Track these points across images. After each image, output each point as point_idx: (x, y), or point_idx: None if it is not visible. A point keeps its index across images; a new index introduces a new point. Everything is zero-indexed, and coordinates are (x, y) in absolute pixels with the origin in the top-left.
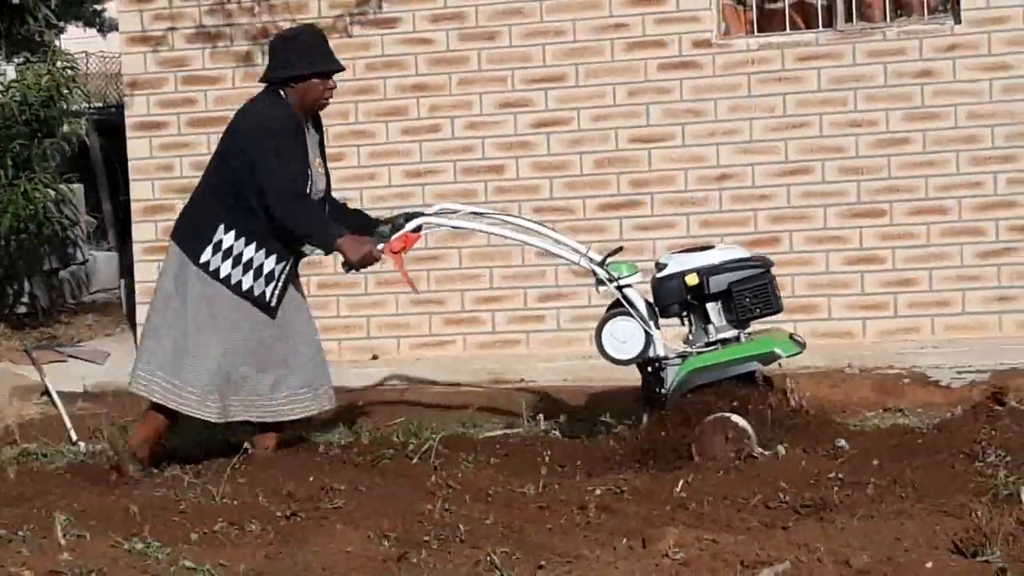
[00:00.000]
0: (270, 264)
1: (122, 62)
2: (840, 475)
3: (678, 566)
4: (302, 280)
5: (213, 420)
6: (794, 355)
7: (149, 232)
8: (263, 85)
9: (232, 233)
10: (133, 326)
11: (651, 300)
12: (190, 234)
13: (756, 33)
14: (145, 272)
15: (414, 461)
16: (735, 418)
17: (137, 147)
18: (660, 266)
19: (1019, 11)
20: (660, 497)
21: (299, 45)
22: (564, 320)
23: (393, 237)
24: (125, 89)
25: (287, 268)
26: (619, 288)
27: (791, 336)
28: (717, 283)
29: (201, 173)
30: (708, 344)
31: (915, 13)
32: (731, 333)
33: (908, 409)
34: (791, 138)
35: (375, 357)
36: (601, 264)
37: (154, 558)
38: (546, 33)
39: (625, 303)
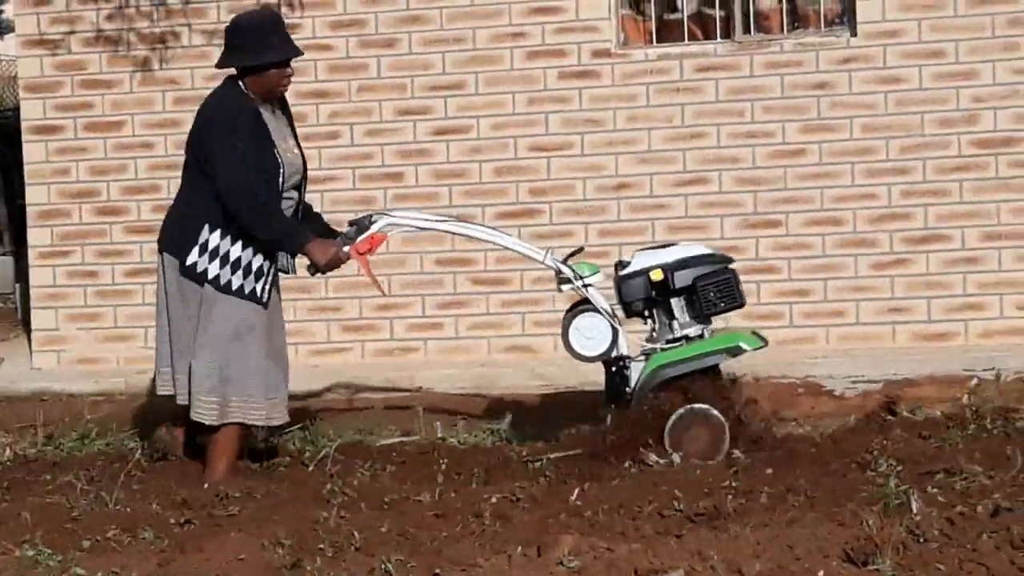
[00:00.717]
0: (257, 261)
1: (18, 65)
2: (734, 484)
3: (572, 574)
4: None
5: (208, 422)
6: (758, 349)
7: (44, 237)
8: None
9: (218, 232)
10: (28, 332)
11: (613, 301)
12: (175, 239)
13: (655, 43)
14: (40, 277)
15: (310, 469)
16: (711, 410)
17: (33, 151)
18: (623, 264)
19: (913, 24)
20: (555, 505)
21: (252, 32)
22: (462, 328)
23: (359, 239)
24: (21, 92)
25: (275, 265)
26: (584, 287)
27: (753, 332)
28: (682, 278)
29: (99, 177)
30: (672, 340)
31: (812, 25)
32: (695, 329)
33: (802, 419)
34: (689, 148)
35: None
36: (564, 263)
37: (45, 565)
38: (446, 41)
39: (591, 300)
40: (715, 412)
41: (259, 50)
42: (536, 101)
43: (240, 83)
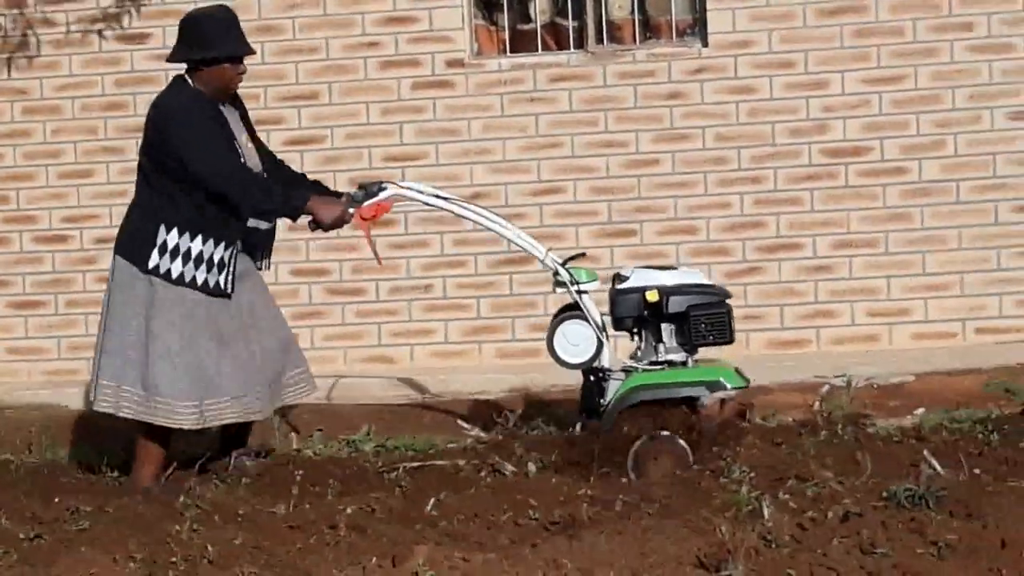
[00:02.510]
0: (219, 252)
1: None
2: (590, 492)
3: None
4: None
5: (187, 427)
6: (739, 388)
7: None
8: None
9: (175, 231)
10: None
11: (605, 310)
12: (132, 242)
13: (508, 53)
14: None
15: (162, 482)
16: (676, 439)
17: None
18: (621, 278)
19: (764, 35)
20: (411, 516)
21: (207, 28)
22: (317, 339)
23: (366, 203)
24: None
25: (236, 252)
26: (578, 292)
27: (736, 370)
28: (676, 304)
29: None
30: (655, 363)
31: (664, 36)
32: (679, 356)
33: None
34: (544, 158)
35: None
36: (563, 266)
37: None
38: (300, 51)
39: (583, 308)
40: (680, 441)
41: (215, 44)
42: (391, 111)
43: (189, 81)
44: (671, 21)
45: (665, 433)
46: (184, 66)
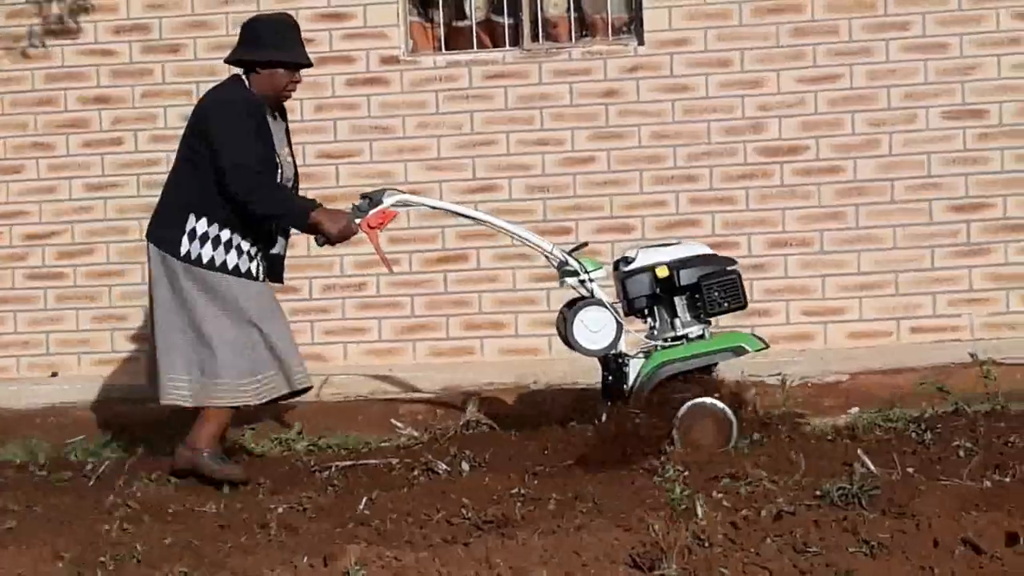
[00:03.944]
0: (247, 243)
1: None
2: (523, 491)
3: None
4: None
5: (253, 403)
6: (760, 350)
7: None
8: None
9: (204, 220)
10: None
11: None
12: (164, 230)
13: (443, 51)
14: None
15: (92, 481)
16: (720, 404)
17: None
18: (627, 260)
19: (699, 34)
20: (343, 514)
21: (270, 31)
22: None
23: (371, 212)
24: None
25: (262, 249)
26: (590, 281)
27: (753, 334)
28: (687, 276)
29: None
30: (673, 338)
31: (600, 34)
32: (696, 329)
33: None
34: (478, 156)
35: (55, 374)
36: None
37: None
38: (231, 46)
39: (594, 296)
40: (722, 404)
41: (274, 49)
42: (324, 107)
43: (245, 81)
44: (607, 19)
45: (709, 400)
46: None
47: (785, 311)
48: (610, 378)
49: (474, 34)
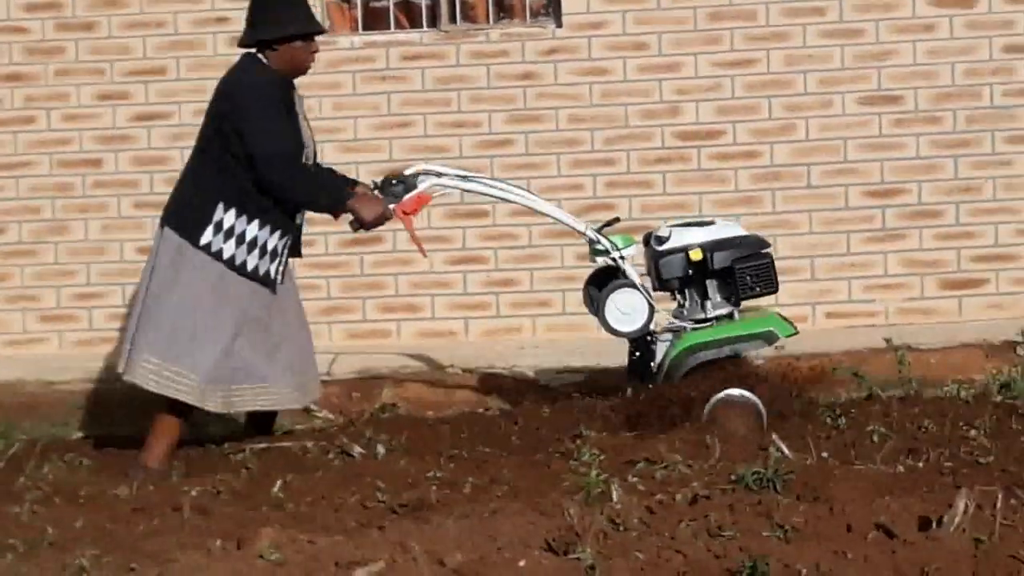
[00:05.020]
0: (273, 240)
1: None
2: (438, 475)
3: (273, 567)
4: None
5: (212, 410)
6: (790, 336)
7: None
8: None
9: (232, 211)
10: None
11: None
12: (186, 217)
13: (360, 31)
14: None
15: (2, 464)
16: (746, 393)
17: None
18: (660, 239)
19: (617, 16)
20: (257, 498)
21: (276, 7)
22: None
23: (406, 197)
24: None
25: (289, 243)
26: (621, 259)
27: (781, 316)
28: (721, 259)
29: None
30: (702, 320)
31: (517, 16)
32: (725, 310)
33: (508, 408)
34: (395, 137)
35: None
36: (600, 232)
37: None
38: (147, 25)
39: (626, 274)
40: (753, 396)
41: (287, 23)
42: None
43: (262, 58)
44: (525, 1)
45: (741, 391)
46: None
47: None
48: (637, 355)
49: (391, 15)
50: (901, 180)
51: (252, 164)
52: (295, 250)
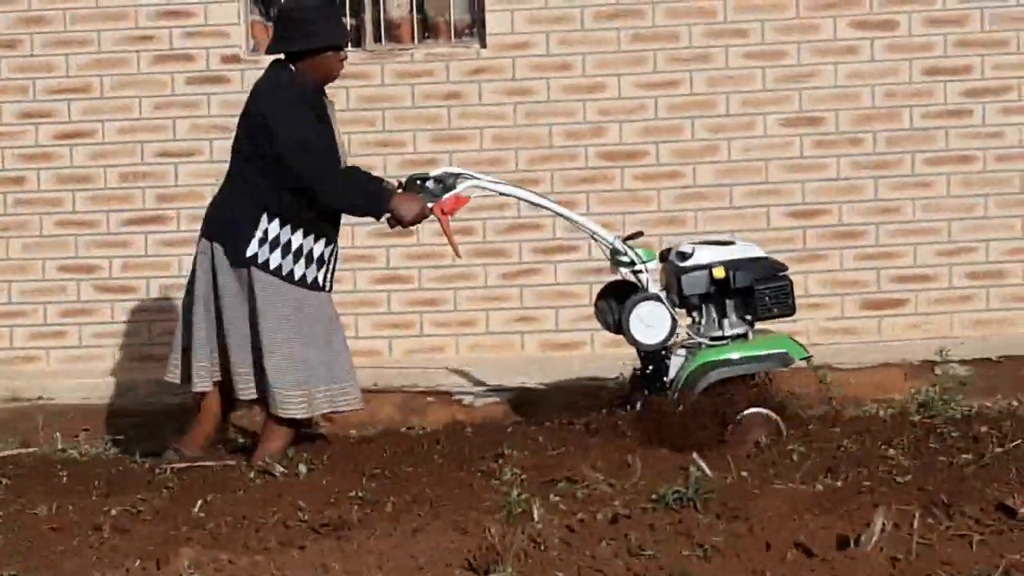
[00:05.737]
0: (319, 248)
1: None
2: (360, 494)
3: None
4: None
5: (299, 416)
6: (804, 359)
7: None
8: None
9: (277, 222)
10: None
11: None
12: (230, 230)
13: None
14: None
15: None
16: (771, 413)
17: None
18: (682, 255)
19: (542, 37)
20: (178, 518)
21: (307, 18)
22: (86, 336)
23: (445, 196)
24: None
25: (335, 250)
26: (644, 272)
27: (794, 340)
28: (742, 279)
29: None
30: (718, 338)
31: (442, 36)
32: (741, 330)
33: (431, 427)
34: None
35: None
36: (625, 244)
37: None
38: (70, 43)
39: (643, 287)
40: (775, 415)
41: (317, 34)
42: (163, 106)
43: (292, 68)
44: (450, 21)
45: (759, 409)
46: None
47: None
48: (649, 369)
49: None
50: (822, 201)
51: (290, 174)
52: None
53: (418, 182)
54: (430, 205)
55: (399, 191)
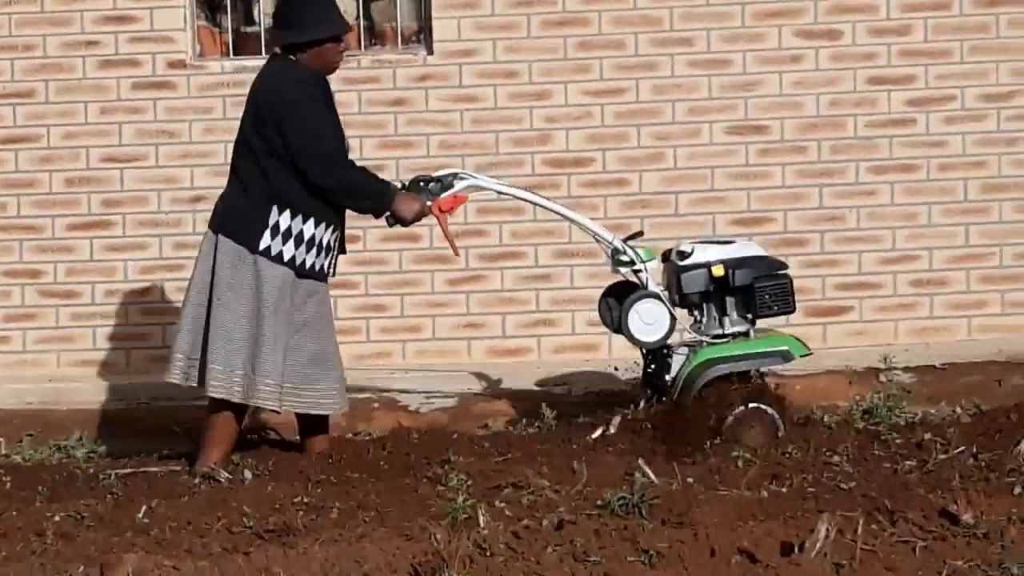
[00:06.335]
0: (327, 236)
1: None
2: (305, 499)
3: None
4: None
5: (270, 407)
6: (804, 356)
7: None
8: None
9: (287, 212)
10: None
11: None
12: (240, 223)
13: (232, 56)
14: None
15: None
16: (768, 408)
17: None
18: (682, 254)
19: (488, 45)
20: (122, 523)
21: (310, 6)
22: (30, 341)
23: (443, 195)
24: None
25: (340, 237)
26: (645, 271)
27: (795, 337)
28: (742, 277)
29: None
30: (719, 336)
31: (389, 43)
32: (742, 327)
33: (376, 434)
34: None
35: None
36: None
37: None
38: (14, 48)
39: (644, 286)
40: (771, 410)
41: (318, 25)
42: (109, 111)
43: (293, 59)
44: (397, 28)
45: (758, 404)
46: None
47: (571, 321)
48: (652, 368)
49: (263, 40)
50: (767, 209)
51: (300, 164)
52: (342, 247)
53: (421, 183)
54: (428, 203)
55: (401, 191)
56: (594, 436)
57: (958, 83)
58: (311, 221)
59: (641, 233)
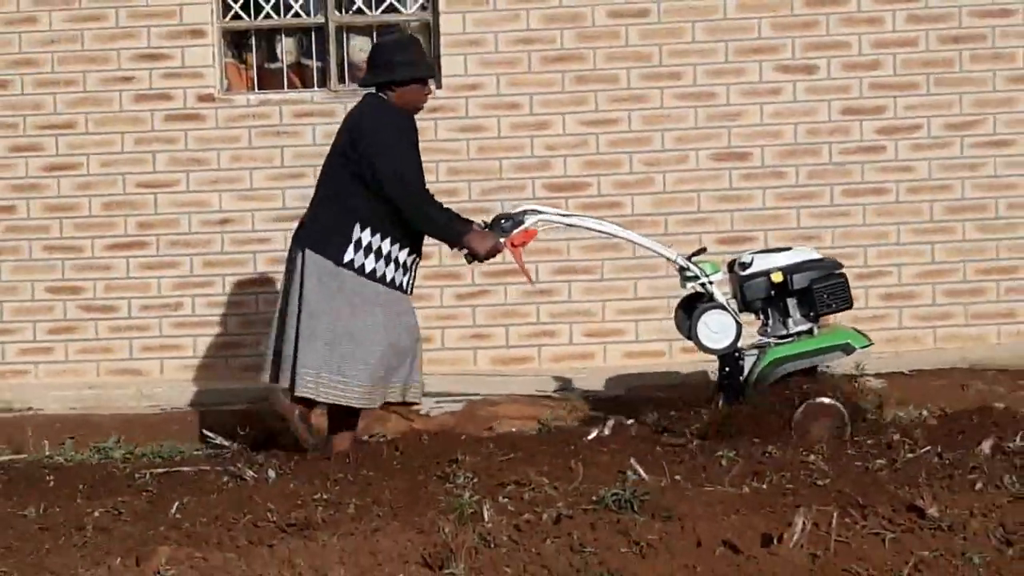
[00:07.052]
0: (403, 256)
1: None
2: (325, 496)
3: None
4: None
5: (373, 407)
6: (866, 347)
7: None
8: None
9: (368, 230)
10: None
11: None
12: (324, 238)
13: (256, 90)
14: None
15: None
16: (835, 403)
17: None
18: (743, 264)
19: (492, 79)
20: (156, 518)
21: (401, 50)
22: (72, 352)
23: (515, 231)
24: None
25: (418, 259)
26: (710, 284)
27: (857, 330)
28: (800, 280)
29: None
30: (784, 336)
31: None
32: (805, 326)
33: (391, 435)
34: (288, 187)
35: None
36: (690, 260)
37: None
38: (56, 83)
39: (714, 297)
40: (839, 404)
41: (407, 67)
42: (144, 140)
43: (384, 97)
44: None
45: (826, 400)
46: None
47: (568, 332)
48: (726, 371)
49: (285, 75)
50: (749, 229)
51: (386, 191)
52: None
53: (501, 222)
54: (502, 239)
55: (477, 230)
56: (590, 437)
57: (925, 113)
58: (388, 239)
59: (704, 249)
